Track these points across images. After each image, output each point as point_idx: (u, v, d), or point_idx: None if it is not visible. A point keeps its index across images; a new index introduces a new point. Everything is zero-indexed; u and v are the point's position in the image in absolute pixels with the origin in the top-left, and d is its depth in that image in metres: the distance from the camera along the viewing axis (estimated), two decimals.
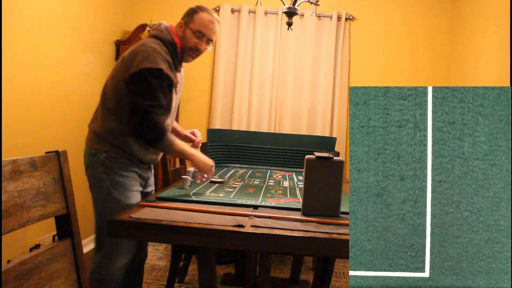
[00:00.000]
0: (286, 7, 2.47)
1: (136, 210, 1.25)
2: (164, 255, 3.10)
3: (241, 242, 1.11)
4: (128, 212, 1.21)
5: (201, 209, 1.30)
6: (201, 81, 3.88)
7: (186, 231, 1.11)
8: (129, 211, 1.24)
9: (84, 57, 3.04)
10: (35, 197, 0.90)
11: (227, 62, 3.81)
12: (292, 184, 2.03)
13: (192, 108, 3.87)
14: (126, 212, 1.21)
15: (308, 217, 1.28)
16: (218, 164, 2.66)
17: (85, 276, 1.02)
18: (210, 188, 1.70)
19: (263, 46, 3.78)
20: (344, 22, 3.76)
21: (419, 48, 3.83)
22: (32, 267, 0.86)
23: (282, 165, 2.76)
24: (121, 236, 1.16)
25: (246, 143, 2.78)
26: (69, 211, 1.01)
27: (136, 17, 3.78)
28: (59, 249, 0.96)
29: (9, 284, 0.79)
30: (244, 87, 3.80)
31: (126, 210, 1.26)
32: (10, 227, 0.82)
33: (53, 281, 0.92)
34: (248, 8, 3.78)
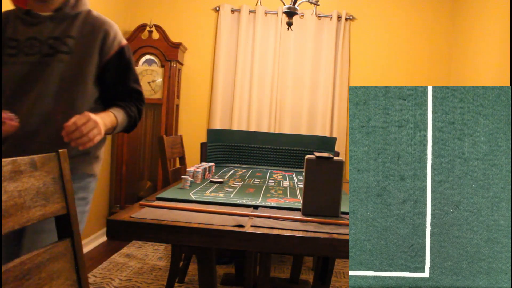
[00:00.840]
0: (286, 7, 2.47)
1: (136, 210, 1.24)
2: (164, 255, 3.10)
3: (241, 242, 1.11)
4: (128, 212, 1.21)
5: (201, 209, 1.30)
6: (201, 81, 3.88)
7: (186, 231, 1.11)
8: (129, 211, 1.24)
9: None
10: (35, 197, 0.90)
11: (227, 62, 3.81)
12: (292, 184, 2.03)
13: (192, 108, 3.87)
14: (126, 212, 1.21)
15: (308, 217, 1.28)
16: (218, 164, 2.66)
17: (85, 276, 1.02)
18: (210, 188, 1.70)
19: (263, 46, 3.78)
20: (344, 22, 3.76)
21: (419, 48, 3.83)
22: (32, 267, 0.86)
23: (282, 165, 2.76)
24: (121, 236, 1.16)
25: (246, 143, 2.78)
26: (69, 211, 1.01)
27: (136, 17, 3.78)
28: (59, 249, 0.96)
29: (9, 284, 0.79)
30: (244, 87, 3.80)
31: (125, 210, 1.26)
32: (10, 227, 0.82)
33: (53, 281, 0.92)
34: (248, 8, 3.78)
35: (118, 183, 3.59)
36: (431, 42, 3.82)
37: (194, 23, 3.85)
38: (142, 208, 1.29)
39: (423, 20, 3.82)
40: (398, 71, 3.84)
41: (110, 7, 3.42)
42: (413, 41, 3.83)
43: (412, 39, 3.83)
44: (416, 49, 3.83)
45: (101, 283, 2.53)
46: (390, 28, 3.83)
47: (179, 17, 3.85)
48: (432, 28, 3.82)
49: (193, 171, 1.83)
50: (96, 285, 2.51)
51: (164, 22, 3.67)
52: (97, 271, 2.73)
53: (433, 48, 3.83)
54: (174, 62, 3.54)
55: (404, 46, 3.83)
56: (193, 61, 3.87)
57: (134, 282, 2.57)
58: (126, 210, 1.27)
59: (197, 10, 3.85)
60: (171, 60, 3.54)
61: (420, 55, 3.83)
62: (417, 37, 3.83)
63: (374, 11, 3.84)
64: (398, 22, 3.83)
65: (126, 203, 3.54)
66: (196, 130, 3.83)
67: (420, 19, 3.82)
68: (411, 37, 3.83)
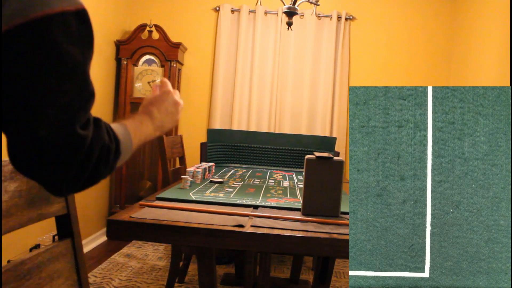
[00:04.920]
0: (286, 7, 2.47)
1: (136, 210, 1.25)
2: (164, 255, 3.10)
3: (241, 242, 1.11)
4: (128, 212, 1.21)
5: (201, 209, 1.30)
6: (201, 81, 3.88)
7: (186, 231, 1.11)
8: (129, 211, 1.24)
9: None
10: (36, 197, 0.90)
11: (227, 62, 3.81)
12: (292, 184, 2.03)
13: (192, 108, 3.87)
14: (126, 212, 1.21)
15: (308, 217, 1.28)
16: (218, 164, 2.66)
17: (85, 276, 1.03)
18: (210, 188, 1.70)
19: (263, 46, 3.78)
20: (344, 22, 3.76)
21: (419, 48, 3.83)
22: (32, 267, 0.86)
23: (282, 165, 2.76)
24: (121, 236, 1.16)
25: (246, 143, 2.78)
26: (69, 211, 1.01)
27: (136, 17, 3.78)
28: (59, 249, 0.96)
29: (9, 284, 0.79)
30: (244, 87, 3.80)
31: (125, 210, 1.26)
32: (10, 226, 0.82)
33: (53, 281, 0.92)
34: (248, 8, 3.78)
35: (118, 183, 3.59)
36: (431, 42, 3.82)
37: (194, 23, 3.85)
38: (142, 208, 1.29)
39: (423, 20, 3.82)
40: (398, 71, 3.84)
41: (110, 7, 3.42)
42: (413, 41, 3.83)
43: (412, 39, 3.83)
44: (416, 49, 3.83)
45: (101, 283, 2.53)
46: (390, 28, 3.83)
47: (179, 17, 3.85)
48: (432, 28, 3.82)
49: (193, 171, 1.83)
50: (96, 285, 2.51)
51: (164, 22, 3.67)
52: (97, 271, 2.73)
53: (433, 48, 3.83)
54: (174, 62, 3.54)
55: (404, 46, 3.83)
56: (193, 61, 3.87)
57: (134, 282, 2.57)
58: (126, 210, 1.27)
59: (197, 10, 3.85)
60: (171, 60, 3.54)
61: (420, 55, 3.83)
62: (417, 37, 3.83)
63: (374, 11, 3.84)
64: (398, 22, 3.83)
65: (126, 203, 3.54)
66: (196, 130, 3.83)
67: (420, 19, 3.82)
68: (411, 37, 3.83)
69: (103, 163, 0.65)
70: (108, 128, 0.68)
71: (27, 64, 0.56)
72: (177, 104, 0.94)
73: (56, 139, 0.58)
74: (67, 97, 0.59)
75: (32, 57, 0.56)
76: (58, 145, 0.59)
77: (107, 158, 0.66)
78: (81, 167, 0.62)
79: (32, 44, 0.56)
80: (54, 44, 0.57)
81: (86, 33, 0.63)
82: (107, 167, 0.67)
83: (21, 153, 0.59)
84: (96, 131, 0.64)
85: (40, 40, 0.56)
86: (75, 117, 0.60)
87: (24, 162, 0.60)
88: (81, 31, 0.61)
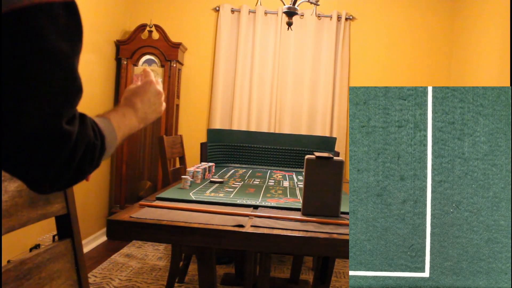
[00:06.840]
0: (286, 7, 2.47)
1: (136, 210, 1.25)
2: (164, 255, 3.10)
3: (241, 242, 1.11)
4: (128, 212, 1.21)
5: (201, 209, 1.30)
6: (201, 81, 3.88)
7: (186, 231, 1.11)
8: (129, 211, 1.24)
9: (84, 57, 3.03)
10: (36, 197, 0.90)
11: (227, 62, 3.81)
12: (292, 184, 2.03)
13: (192, 108, 3.87)
14: (126, 212, 1.21)
15: (308, 217, 1.28)
16: (218, 164, 2.66)
17: (85, 276, 1.03)
18: (210, 188, 1.70)
19: (263, 46, 3.78)
20: (344, 22, 3.76)
21: (419, 48, 3.83)
22: (32, 267, 0.86)
23: (282, 165, 2.76)
24: (121, 236, 1.16)
25: (246, 143, 2.78)
26: (69, 211, 1.01)
27: (136, 17, 3.78)
28: (59, 249, 0.96)
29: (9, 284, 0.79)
30: (244, 87, 3.80)
31: (125, 210, 1.26)
32: (10, 226, 0.82)
33: (53, 281, 0.92)
34: (248, 8, 3.78)
35: (118, 183, 3.59)
36: (431, 42, 3.82)
37: (194, 23, 3.85)
38: (142, 208, 1.29)
39: (423, 20, 3.82)
40: (398, 71, 3.84)
41: (110, 7, 3.42)
42: (413, 41, 3.83)
43: (412, 39, 3.83)
44: (416, 49, 3.83)
45: (101, 283, 2.53)
46: (390, 28, 3.83)
47: (179, 17, 3.85)
48: (432, 28, 3.82)
49: (193, 171, 1.83)
50: (96, 285, 2.51)
51: (164, 22, 3.67)
52: (97, 271, 2.73)
53: (433, 48, 3.83)
54: (174, 62, 3.54)
55: (404, 46, 3.83)
56: (193, 61, 3.87)
57: (134, 282, 2.57)
58: (126, 210, 1.27)
59: (197, 10, 3.85)
60: (171, 60, 3.54)
61: (420, 55, 3.83)
62: (417, 37, 3.83)
63: (374, 11, 3.84)
64: (398, 22, 3.83)
65: (126, 203, 3.54)
66: (196, 130, 3.84)
67: (420, 19, 3.82)
68: (411, 37, 3.83)
69: (88, 160, 0.63)
70: (93, 124, 0.66)
71: (9, 55, 0.54)
72: (160, 94, 0.92)
73: (40, 133, 0.56)
74: (52, 91, 0.57)
75: (15, 47, 0.54)
76: (42, 140, 0.56)
77: (92, 155, 0.64)
78: (65, 165, 0.59)
79: (15, 34, 0.54)
80: (40, 35, 0.55)
81: (75, 25, 0.61)
82: (92, 164, 0.65)
83: (3, 148, 0.56)
84: (82, 127, 0.62)
85: (24, 30, 0.54)
86: (60, 112, 0.58)
87: (5, 157, 0.57)
88: (69, 23, 0.59)
